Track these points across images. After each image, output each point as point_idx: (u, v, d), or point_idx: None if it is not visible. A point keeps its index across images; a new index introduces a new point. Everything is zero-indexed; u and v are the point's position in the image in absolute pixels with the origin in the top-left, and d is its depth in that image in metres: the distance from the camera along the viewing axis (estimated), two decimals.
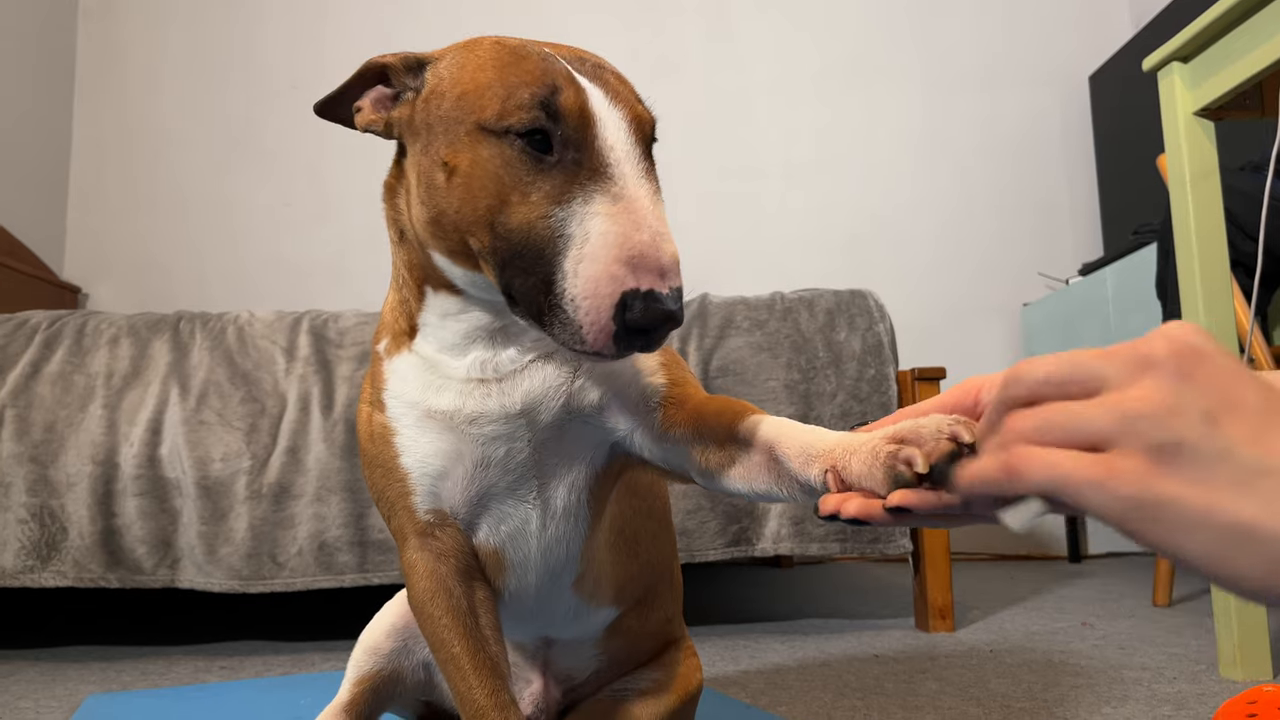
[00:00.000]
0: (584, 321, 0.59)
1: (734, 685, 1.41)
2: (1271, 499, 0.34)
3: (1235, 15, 1.32)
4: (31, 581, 1.65)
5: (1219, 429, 0.35)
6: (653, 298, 0.58)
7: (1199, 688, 1.33)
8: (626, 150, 0.63)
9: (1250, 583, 0.35)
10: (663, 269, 0.59)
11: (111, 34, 3.51)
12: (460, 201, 0.65)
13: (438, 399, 0.75)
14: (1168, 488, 0.35)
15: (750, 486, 0.69)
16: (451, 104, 0.67)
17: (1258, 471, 0.34)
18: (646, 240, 0.59)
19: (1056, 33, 3.58)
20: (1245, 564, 0.34)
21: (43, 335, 1.82)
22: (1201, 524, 0.35)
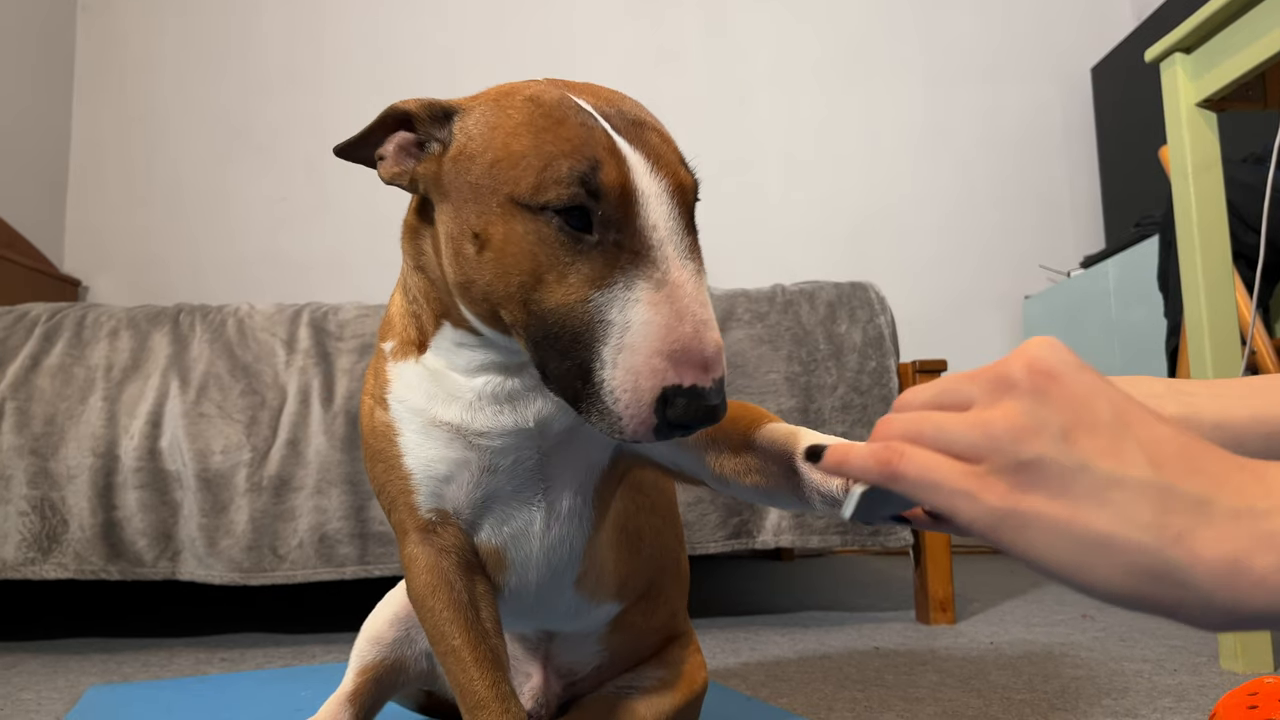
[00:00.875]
0: (624, 414, 0.57)
1: (734, 677, 1.41)
2: (1124, 509, 0.36)
3: (1237, 6, 1.31)
4: (32, 574, 1.65)
5: (1074, 445, 0.38)
6: (696, 393, 0.56)
7: (1200, 680, 1.33)
8: (670, 229, 0.60)
9: (1107, 589, 0.37)
10: (706, 362, 0.56)
11: (110, 28, 3.50)
12: (493, 276, 0.62)
13: (445, 411, 0.73)
14: (1031, 503, 0.38)
15: (768, 496, 0.69)
16: (483, 171, 0.63)
17: (1111, 483, 0.37)
18: (690, 333, 0.57)
19: (1058, 25, 3.57)
20: (1102, 572, 0.37)
21: (43, 328, 1.82)
22: (1062, 535, 0.37)
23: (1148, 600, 0.37)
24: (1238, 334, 1.41)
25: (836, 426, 1.81)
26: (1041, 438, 0.38)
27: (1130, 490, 0.37)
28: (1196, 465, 0.37)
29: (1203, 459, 0.37)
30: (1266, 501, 0.35)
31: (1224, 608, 0.35)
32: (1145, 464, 0.37)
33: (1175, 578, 0.36)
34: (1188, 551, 0.35)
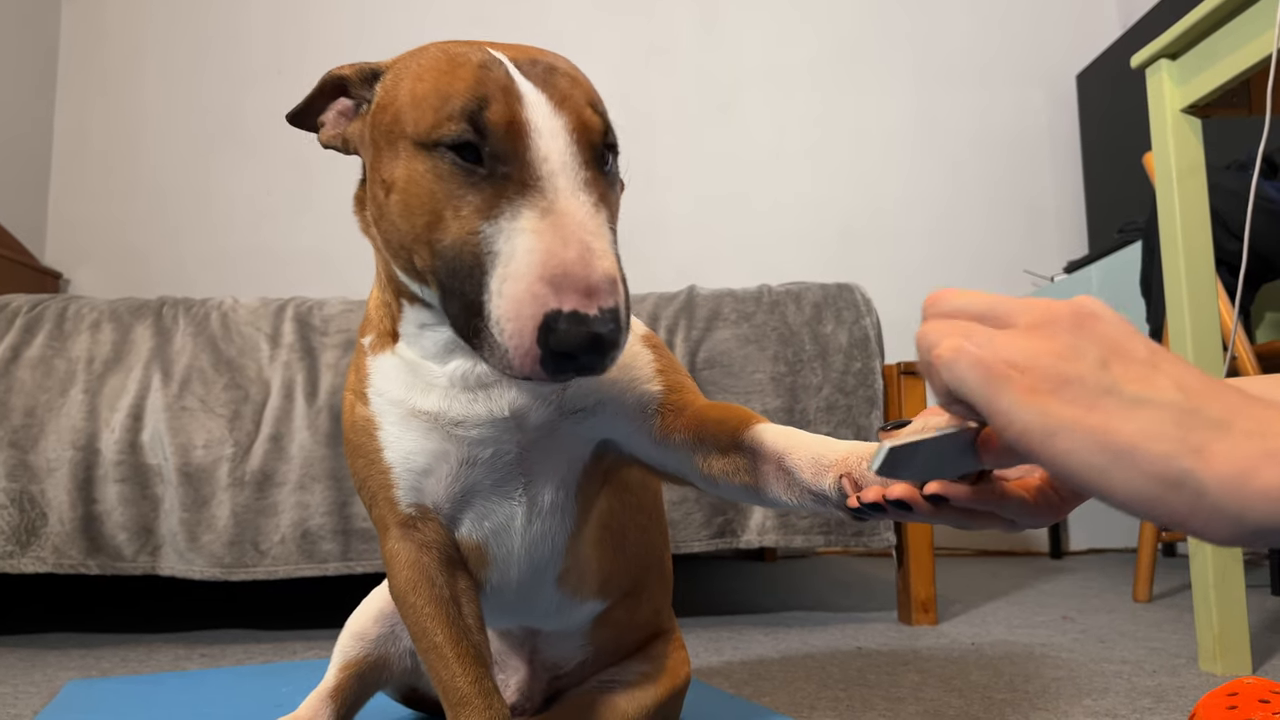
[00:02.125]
0: (509, 345, 0.55)
1: (718, 676, 1.41)
2: (1150, 424, 0.39)
3: (1223, 13, 1.33)
4: (11, 567, 1.64)
5: (1108, 370, 0.41)
6: (576, 319, 0.54)
7: (1179, 681, 1.34)
8: (564, 163, 0.59)
9: (1126, 494, 0.40)
10: (590, 287, 0.55)
11: (94, 20, 3.48)
12: (399, 218, 0.63)
13: (423, 400, 0.73)
14: (1066, 411, 0.40)
15: (758, 495, 0.69)
16: (391, 118, 0.65)
17: (1139, 402, 0.40)
18: (573, 258, 0.55)
19: (1044, 31, 3.59)
20: (1123, 477, 0.39)
21: (23, 319, 1.80)
22: (1090, 443, 0.40)
23: (1162, 507, 0.39)
24: (1220, 340, 1.42)
25: (821, 427, 1.81)
26: (1080, 362, 0.42)
27: (1157, 409, 0.40)
28: (1220, 396, 0.40)
29: (1226, 392, 0.40)
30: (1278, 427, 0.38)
31: (1231, 515, 0.38)
32: (1173, 389, 0.40)
33: (1190, 485, 0.38)
34: (1203, 462, 0.38)
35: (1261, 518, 0.37)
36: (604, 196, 0.61)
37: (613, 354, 0.56)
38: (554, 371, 0.56)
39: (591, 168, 0.61)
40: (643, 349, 0.78)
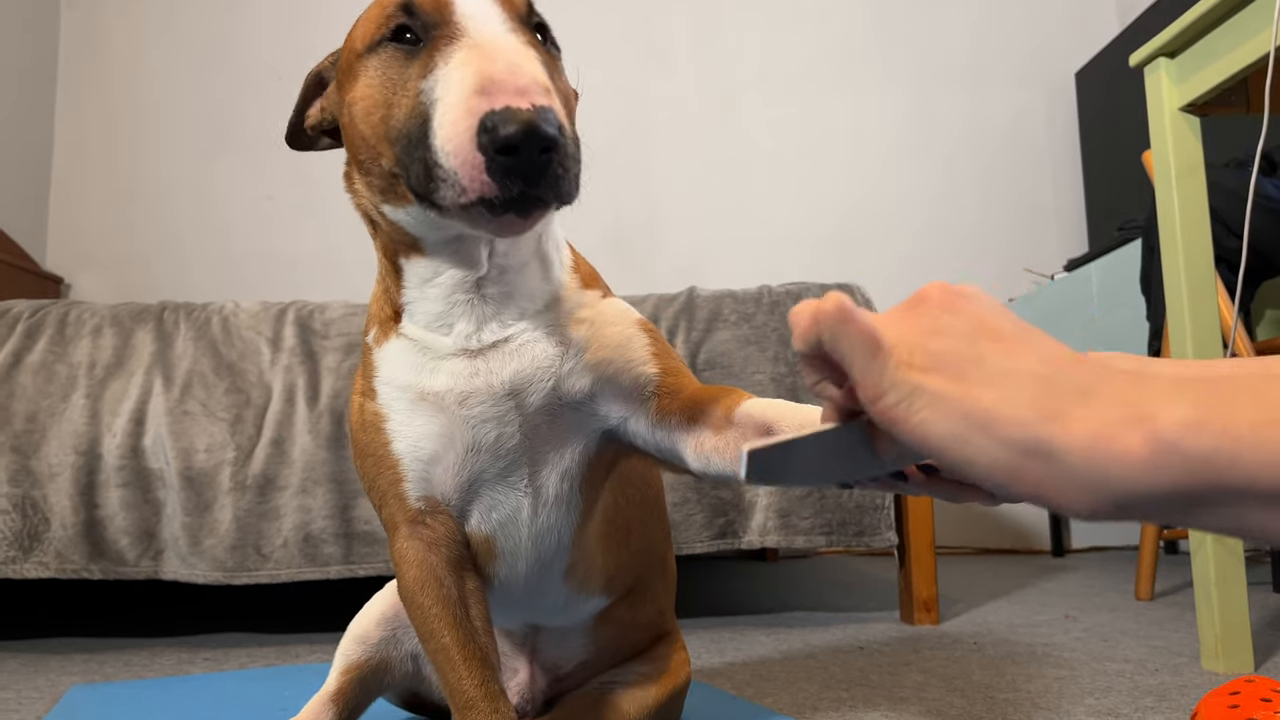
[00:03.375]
0: (455, 165, 0.57)
1: (720, 677, 1.41)
2: (1010, 391, 0.39)
3: (1221, 12, 1.33)
4: (13, 573, 1.64)
5: (975, 344, 0.41)
6: (509, 112, 0.55)
7: (1181, 679, 1.34)
8: (488, 16, 0.63)
9: (984, 462, 0.39)
10: (520, 88, 0.56)
11: (94, 25, 3.48)
12: (363, 125, 0.67)
13: (430, 380, 0.74)
14: (930, 381, 0.40)
15: None
16: (345, 55, 0.72)
17: (1003, 372, 0.40)
18: (500, 68, 0.58)
19: (1043, 30, 3.59)
20: (980, 445, 0.39)
21: (25, 325, 1.80)
22: (950, 411, 0.39)
23: (1020, 476, 0.38)
24: (1219, 337, 1.43)
25: None
26: (947, 337, 0.42)
27: (1018, 377, 0.39)
28: (1084, 367, 0.39)
29: (1092, 365, 0.40)
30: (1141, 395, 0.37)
31: (1087, 482, 0.36)
32: (1037, 361, 0.40)
33: (1045, 451, 0.37)
34: (1060, 427, 0.37)
35: (1119, 485, 0.36)
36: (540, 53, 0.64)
37: (559, 157, 0.57)
38: (501, 176, 0.56)
39: (522, 30, 0.65)
40: (638, 332, 0.79)
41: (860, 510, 1.80)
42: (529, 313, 0.75)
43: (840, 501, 1.79)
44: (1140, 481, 0.36)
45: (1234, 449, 0.34)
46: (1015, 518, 3.34)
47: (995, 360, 0.40)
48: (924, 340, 0.42)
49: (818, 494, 1.79)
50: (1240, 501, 0.34)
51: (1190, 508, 0.36)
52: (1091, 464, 0.36)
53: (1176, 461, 0.35)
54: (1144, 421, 0.36)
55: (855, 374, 0.43)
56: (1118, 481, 0.36)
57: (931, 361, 0.41)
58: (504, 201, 0.58)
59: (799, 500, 1.79)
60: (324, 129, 0.79)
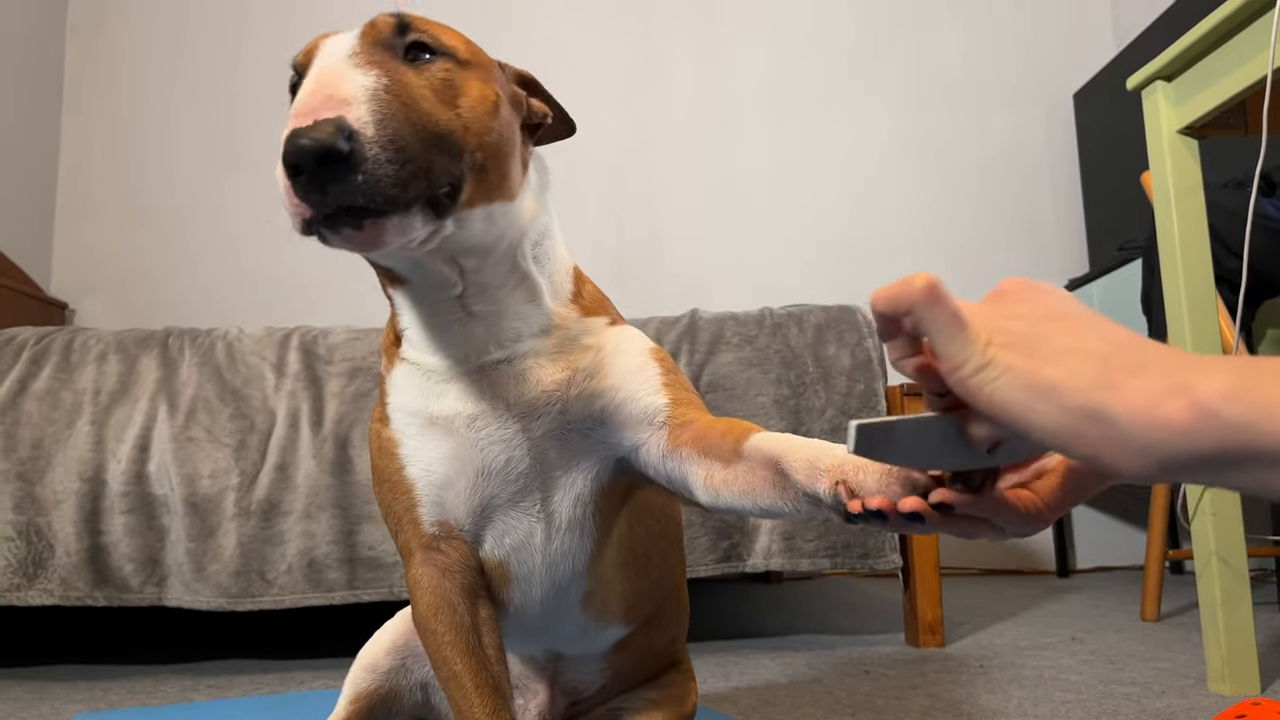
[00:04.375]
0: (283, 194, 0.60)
1: (725, 702, 1.41)
2: (1072, 366, 0.43)
3: (1218, 35, 1.34)
4: (18, 600, 1.64)
5: (1043, 326, 0.46)
6: (294, 134, 0.57)
7: (1188, 702, 1.34)
8: (333, 49, 0.65)
9: (1047, 426, 0.43)
10: (308, 110, 0.58)
11: (99, 50, 3.51)
12: None
13: (438, 404, 0.76)
14: (1002, 355, 0.45)
15: (755, 502, 0.69)
16: None
17: (1065, 351, 0.44)
18: (305, 94, 0.60)
19: (1041, 51, 3.62)
20: (1045, 411, 0.43)
21: (30, 352, 1.81)
22: (1021, 383, 0.44)
23: (1079, 438, 0.42)
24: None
25: None
26: (1020, 320, 0.47)
27: (1080, 353, 0.44)
28: (1143, 345, 0.44)
29: (1150, 344, 0.44)
30: (1185, 367, 0.41)
31: (1138, 445, 0.41)
32: (1099, 341, 0.44)
33: (1103, 417, 0.41)
34: (1118, 396, 0.41)
35: (1165, 448, 0.40)
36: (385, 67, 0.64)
37: (353, 162, 0.58)
38: (302, 194, 0.59)
39: (374, 52, 0.65)
40: (648, 361, 0.79)
41: (865, 533, 1.80)
42: (526, 334, 0.76)
43: (844, 524, 1.79)
44: (1182, 445, 0.39)
45: (1265, 416, 0.37)
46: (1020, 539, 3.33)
47: (1060, 339, 0.45)
48: (999, 323, 0.47)
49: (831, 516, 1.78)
50: (1267, 466, 0.38)
51: (1224, 469, 0.39)
52: (1142, 429, 0.40)
53: (1214, 427, 0.39)
54: (1186, 390, 0.40)
55: (939, 348, 0.47)
56: (1163, 445, 0.40)
57: (1005, 340, 0.46)
58: (326, 218, 0.60)
59: (803, 523, 1.78)
60: None
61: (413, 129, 0.61)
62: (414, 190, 0.60)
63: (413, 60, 0.67)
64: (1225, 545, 1.39)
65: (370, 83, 0.61)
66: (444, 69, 0.68)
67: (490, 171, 0.69)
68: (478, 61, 0.72)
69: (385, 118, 0.59)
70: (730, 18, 3.60)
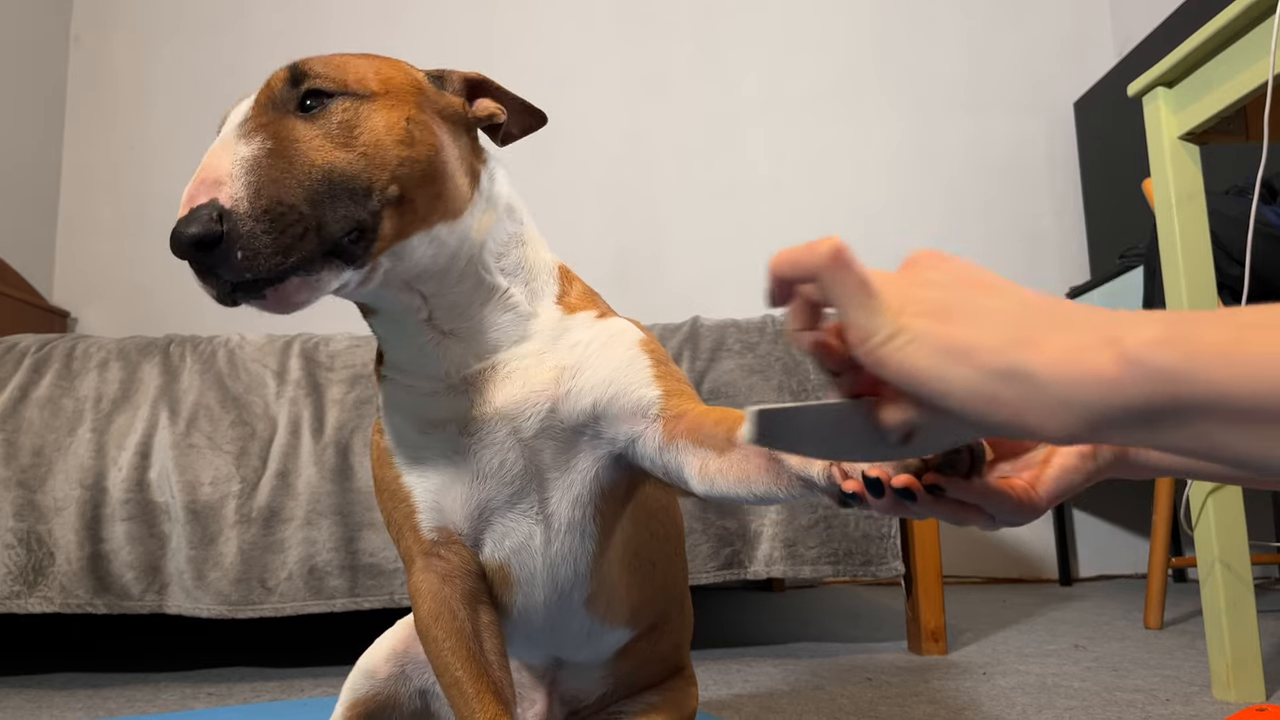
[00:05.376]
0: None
1: (727, 709, 1.40)
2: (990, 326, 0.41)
3: (1219, 41, 1.34)
4: (18, 607, 1.63)
5: (958, 291, 0.44)
6: (175, 225, 0.59)
7: (1192, 709, 1.33)
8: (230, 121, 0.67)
9: (962, 391, 0.40)
10: (187, 198, 0.60)
11: (102, 60, 3.52)
12: None
13: (428, 412, 0.76)
14: (913, 322, 0.43)
15: (749, 489, 0.68)
16: None
17: (982, 311, 0.42)
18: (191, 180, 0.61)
19: (1041, 59, 3.62)
20: (959, 374, 0.40)
21: (31, 359, 1.81)
22: (934, 348, 0.41)
23: (997, 401, 0.40)
24: None
25: None
26: (933, 287, 0.44)
27: (997, 314, 0.41)
28: (1066, 305, 0.41)
29: (1074, 305, 0.41)
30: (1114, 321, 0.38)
31: (1062, 400, 0.38)
32: (1016, 302, 0.42)
33: (1021, 374, 0.39)
34: (1035, 352, 0.39)
35: (1090, 402, 0.37)
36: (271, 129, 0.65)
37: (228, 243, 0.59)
38: (201, 276, 0.61)
39: (265, 114, 0.66)
40: (639, 353, 0.79)
41: (867, 539, 1.79)
42: (505, 343, 0.76)
43: (846, 531, 1.79)
44: (1109, 398, 0.37)
45: (1198, 363, 0.35)
46: (1022, 546, 3.32)
47: (976, 301, 0.43)
48: (911, 290, 0.44)
49: (824, 523, 1.78)
50: (1204, 417, 0.35)
51: (1158, 424, 0.36)
52: (1064, 383, 0.38)
53: (1143, 376, 0.36)
54: (1114, 342, 0.37)
55: (846, 317, 0.45)
56: (1089, 399, 0.37)
57: (916, 307, 0.43)
58: (230, 292, 0.61)
59: (805, 530, 1.78)
60: None
61: (296, 188, 0.61)
62: (303, 250, 0.61)
63: (309, 109, 0.66)
64: (1229, 551, 1.39)
65: (249, 152, 0.62)
66: (342, 110, 0.67)
67: (415, 199, 0.68)
68: (388, 89, 0.70)
69: (260, 187, 0.60)
70: (732, 26, 3.61)
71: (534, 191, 0.80)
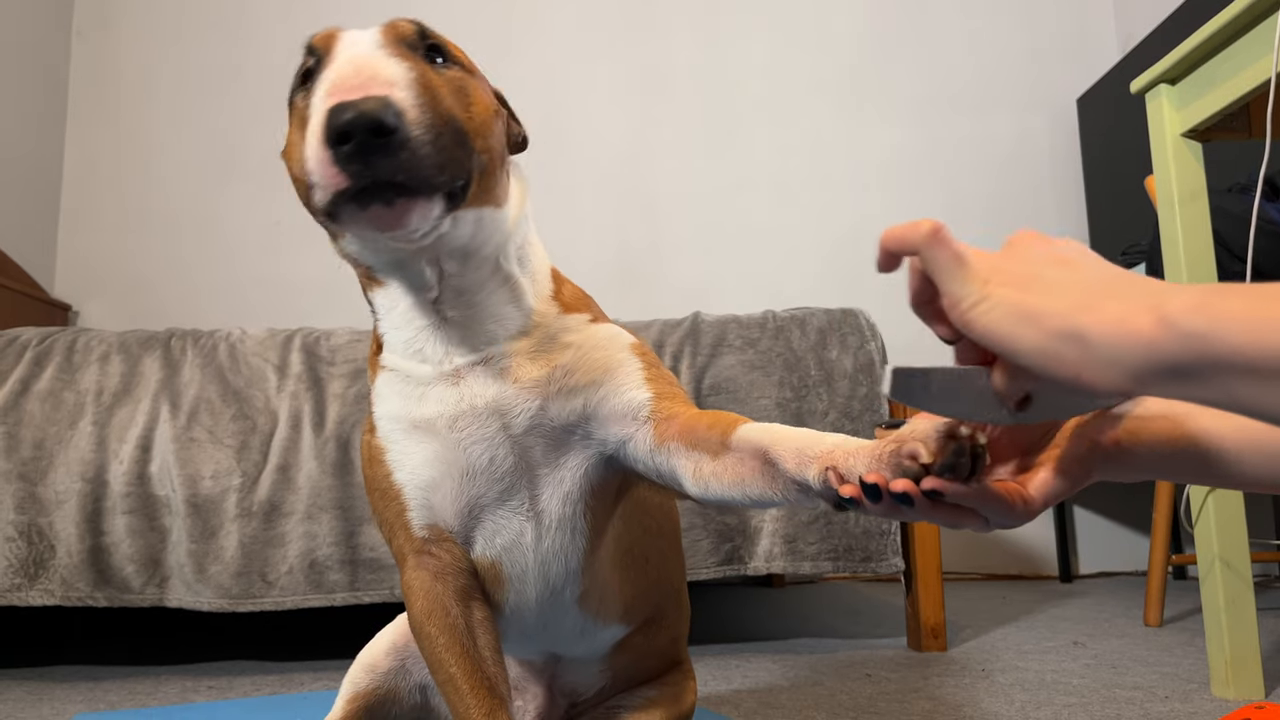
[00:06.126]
0: (313, 167, 0.60)
1: (727, 705, 1.41)
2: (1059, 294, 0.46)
3: (1222, 38, 1.34)
4: (19, 600, 1.64)
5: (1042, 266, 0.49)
6: (345, 105, 0.58)
7: (1191, 707, 1.33)
8: (359, 39, 0.67)
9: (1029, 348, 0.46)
10: (357, 85, 0.59)
11: (104, 54, 3.52)
12: (292, 170, 0.70)
13: (419, 408, 0.76)
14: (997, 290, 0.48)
15: (744, 493, 0.69)
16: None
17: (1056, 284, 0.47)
18: (346, 72, 0.61)
19: (1044, 57, 3.62)
20: (1028, 334, 0.46)
21: (33, 352, 1.81)
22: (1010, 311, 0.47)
23: (1060, 359, 0.45)
24: None
25: None
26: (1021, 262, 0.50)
27: (1068, 285, 0.47)
28: (1131, 277, 0.46)
29: (1139, 278, 0.46)
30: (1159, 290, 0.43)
31: (1109, 358, 0.43)
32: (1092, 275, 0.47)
33: (1079, 336, 0.44)
34: (1093, 316, 0.44)
35: (1133, 359, 0.42)
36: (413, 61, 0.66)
37: (400, 138, 0.59)
38: (345, 164, 0.59)
39: (400, 48, 0.67)
40: (629, 356, 0.79)
41: (867, 536, 1.79)
42: (501, 336, 0.77)
43: (847, 527, 1.79)
44: (1148, 355, 0.42)
45: (1221, 326, 0.40)
46: (1023, 543, 3.32)
47: (1054, 275, 0.48)
48: (1000, 263, 0.50)
49: (824, 520, 1.78)
50: (1227, 374, 0.40)
51: (1188, 379, 0.41)
52: (1112, 343, 0.43)
53: (1175, 337, 0.41)
54: (1155, 309, 0.42)
55: (942, 286, 0.51)
56: (1130, 356, 0.42)
57: (1002, 278, 0.49)
58: (359, 192, 0.60)
59: (805, 526, 1.78)
60: None
61: (444, 120, 0.63)
62: (446, 176, 0.62)
63: (434, 63, 0.69)
64: (1228, 549, 1.39)
65: (410, 71, 0.63)
66: (457, 74, 0.70)
67: (489, 176, 0.71)
68: (479, 75, 0.75)
69: (424, 104, 0.61)
70: (733, 22, 3.61)
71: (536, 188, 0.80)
